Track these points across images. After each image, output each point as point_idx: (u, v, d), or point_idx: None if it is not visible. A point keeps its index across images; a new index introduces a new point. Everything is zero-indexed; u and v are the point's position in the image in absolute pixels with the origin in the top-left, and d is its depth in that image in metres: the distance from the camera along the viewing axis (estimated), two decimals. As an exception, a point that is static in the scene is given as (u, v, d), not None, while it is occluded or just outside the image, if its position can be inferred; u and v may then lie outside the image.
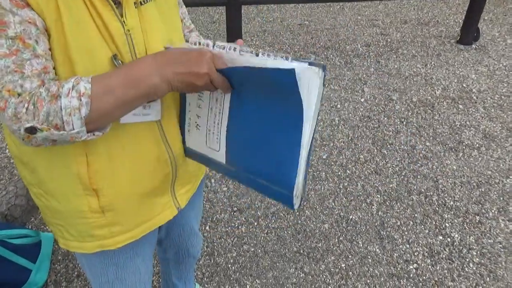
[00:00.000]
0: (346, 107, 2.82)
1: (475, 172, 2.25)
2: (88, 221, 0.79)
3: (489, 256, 1.79)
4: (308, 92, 0.60)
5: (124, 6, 0.69)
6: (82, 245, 0.83)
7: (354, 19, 4.31)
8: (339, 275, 1.71)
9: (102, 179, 0.75)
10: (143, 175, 0.79)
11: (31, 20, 0.60)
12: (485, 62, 3.41)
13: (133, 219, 0.83)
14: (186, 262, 1.28)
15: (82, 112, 0.59)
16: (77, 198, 0.76)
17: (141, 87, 0.63)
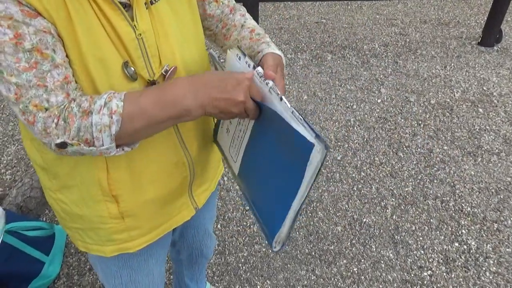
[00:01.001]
0: (362, 107, 2.78)
1: (494, 178, 2.19)
2: (108, 226, 0.78)
3: (506, 265, 1.74)
4: (310, 163, 0.62)
5: (134, 9, 0.66)
6: (103, 249, 0.83)
7: (372, 18, 4.24)
8: (351, 279, 1.68)
9: (122, 186, 0.74)
10: (162, 180, 0.78)
11: (46, 29, 0.59)
12: (507, 65, 3.32)
13: (152, 222, 0.83)
14: (199, 262, 1.27)
15: (112, 130, 0.59)
16: (97, 204, 0.76)
17: (174, 109, 0.62)
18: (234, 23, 0.87)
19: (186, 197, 0.87)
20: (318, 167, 0.61)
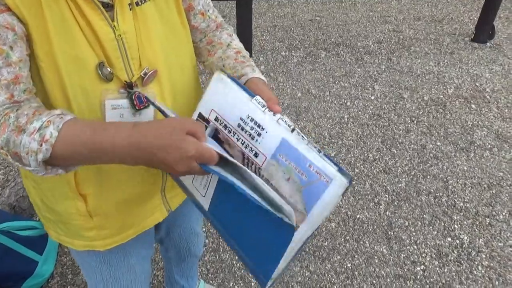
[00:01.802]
0: (356, 104, 2.79)
1: (486, 173, 2.21)
2: (77, 223, 0.78)
3: (498, 259, 1.75)
4: (326, 204, 0.56)
5: (116, 9, 0.65)
6: (73, 242, 0.83)
7: (366, 15, 4.25)
8: (344, 274, 1.69)
9: (90, 186, 0.74)
10: (132, 183, 0.78)
11: (9, 25, 0.58)
12: (499, 61, 3.34)
13: (121, 223, 0.82)
14: (188, 260, 1.28)
15: (38, 157, 0.56)
16: (67, 201, 0.75)
17: (108, 154, 0.58)
18: (220, 41, 0.86)
19: (158, 199, 0.86)
20: (337, 202, 0.56)
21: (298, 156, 0.59)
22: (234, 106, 0.66)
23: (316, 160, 0.58)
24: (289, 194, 0.59)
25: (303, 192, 0.58)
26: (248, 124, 0.64)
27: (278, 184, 0.61)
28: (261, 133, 0.64)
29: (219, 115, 0.68)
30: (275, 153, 0.62)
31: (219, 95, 0.68)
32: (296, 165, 0.59)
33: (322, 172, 0.57)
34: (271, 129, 0.62)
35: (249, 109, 0.65)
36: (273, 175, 0.62)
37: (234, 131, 0.66)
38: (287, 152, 0.60)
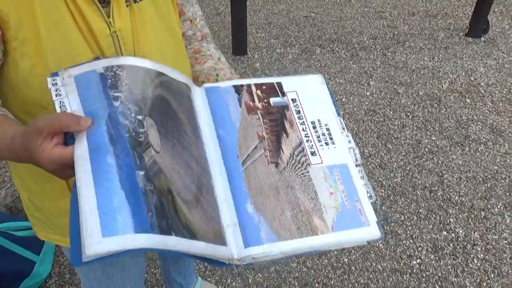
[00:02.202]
0: (351, 100, 2.79)
1: (481, 167, 2.22)
2: (64, 221, 0.78)
3: (494, 252, 1.77)
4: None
5: (112, 5, 0.65)
6: (64, 239, 0.83)
7: (361, 11, 4.25)
8: (341, 269, 1.70)
9: None
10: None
11: None
12: (494, 55, 3.35)
13: None
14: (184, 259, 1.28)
15: None
16: (57, 199, 0.76)
17: (5, 156, 0.56)
18: (210, 54, 0.87)
19: None
20: (356, 243, 0.59)
21: (352, 185, 0.63)
22: (319, 108, 0.69)
23: (364, 200, 0.62)
24: (325, 203, 0.62)
25: (338, 213, 0.61)
26: (323, 129, 0.68)
27: (319, 189, 0.63)
28: (329, 143, 0.67)
29: (299, 101, 0.70)
30: (332, 167, 0.65)
31: (311, 90, 0.71)
32: (345, 189, 0.63)
33: (364, 212, 0.61)
34: (340, 149, 0.66)
35: (330, 122, 0.69)
36: (318, 181, 0.63)
37: (305, 122, 0.68)
38: (343, 175, 0.64)
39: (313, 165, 0.64)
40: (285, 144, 0.64)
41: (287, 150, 0.64)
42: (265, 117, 0.66)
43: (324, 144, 0.66)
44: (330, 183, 0.63)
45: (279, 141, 0.64)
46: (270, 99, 0.67)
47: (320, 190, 0.62)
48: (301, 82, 0.71)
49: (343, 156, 0.65)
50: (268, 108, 0.66)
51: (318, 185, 0.62)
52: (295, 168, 0.63)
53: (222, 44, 3.56)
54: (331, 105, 0.70)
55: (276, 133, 0.64)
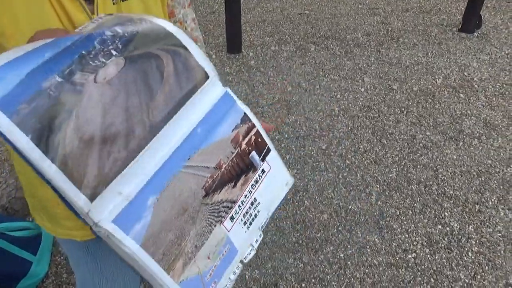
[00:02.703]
0: (346, 97, 2.81)
1: (475, 161, 2.24)
2: (55, 211, 0.79)
3: (488, 245, 1.79)
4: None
5: (96, 2, 0.64)
6: (55, 229, 0.83)
7: (355, 7, 4.26)
8: (337, 265, 1.72)
9: None
10: None
11: None
12: (487, 50, 3.37)
13: None
14: None
15: None
16: (45, 188, 0.76)
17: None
18: None
19: None
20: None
21: (222, 271, 0.61)
22: (268, 197, 0.70)
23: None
24: (197, 260, 0.60)
25: (195, 276, 0.59)
26: (255, 212, 0.67)
27: (206, 246, 0.60)
28: (247, 224, 0.66)
29: (265, 177, 0.69)
30: (229, 241, 0.64)
31: (277, 179, 0.71)
32: (217, 267, 0.62)
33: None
34: (246, 237, 0.65)
35: (263, 213, 0.68)
36: (212, 240, 0.61)
37: (251, 193, 0.67)
38: (227, 257, 0.62)
39: (222, 226, 0.62)
40: (226, 190, 0.62)
41: (223, 195, 0.62)
42: (237, 158, 0.64)
43: (244, 221, 0.65)
44: (216, 251, 0.61)
45: (226, 183, 0.62)
46: (253, 151, 0.66)
47: (205, 248, 0.59)
48: (277, 168, 0.71)
49: (242, 243, 0.64)
50: (244, 154, 0.65)
51: (208, 243, 0.60)
52: (212, 213, 0.60)
53: (217, 42, 3.56)
54: (275, 205, 0.70)
55: (230, 176, 0.63)
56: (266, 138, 0.69)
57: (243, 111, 0.66)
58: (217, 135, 0.62)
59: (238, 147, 0.64)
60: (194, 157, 0.58)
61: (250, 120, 0.66)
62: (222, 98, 0.64)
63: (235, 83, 2.97)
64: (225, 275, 0.63)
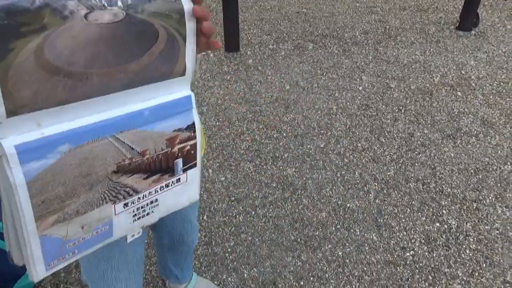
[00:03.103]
0: (344, 95, 2.81)
1: (472, 159, 2.25)
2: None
3: (485, 242, 1.79)
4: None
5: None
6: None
7: (353, 6, 4.26)
8: (336, 263, 1.72)
9: None
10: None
11: None
12: (484, 48, 3.38)
13: None
14: (181, 250, 1.28)
15: None
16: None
17: None
18: None
19: None
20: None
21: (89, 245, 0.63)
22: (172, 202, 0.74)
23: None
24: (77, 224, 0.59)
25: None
26: (149, 210, 0.69)
27: (88, 217, 0.59)
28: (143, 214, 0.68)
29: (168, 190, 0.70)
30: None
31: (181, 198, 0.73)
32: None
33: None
34: (121, 225, 0.66)
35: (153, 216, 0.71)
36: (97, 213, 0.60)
37: (152, 192, 0.67)
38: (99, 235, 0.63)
39: (112, 206, 0.61)
40: (136, 178, 0.61)
41: (130, 180, 0.61)
42: (163, 156, 0.64)
43: (134, 213, 0.65)
44: (92, 226, 0.60)
45: (139, 172, 0.61)
46: (180, 159, 0.67)
47: (85, 217, 0.58)
48: (192, 183, 0.72)
49: (120, 231, 0.65)
50: (172, 157, 0.65)
51: (91, 214, 0.58)
52: (110, 190, 0.59)
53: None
54: (168, 212, 0.72)
55: (147, 168, 0.62)
56: (198, 155, 0.70)
57: (193, 121, 0.66)
58: (159, 127, 0.61)
59: (169, 148, 0.64)
60: (127, 133, 0.57)
61: (194, 131, 0.67)
62: (183, 99, 0.64)
63: (233, 82, 2.97)
64: (88, 251, 0.62)
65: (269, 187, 2.09)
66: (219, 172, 2.19)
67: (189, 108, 0.65)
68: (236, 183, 2.12)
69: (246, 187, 2.09)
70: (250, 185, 2.10)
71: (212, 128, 2.53)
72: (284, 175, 2.16)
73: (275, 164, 2.23)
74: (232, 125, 2.55)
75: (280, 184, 2.10)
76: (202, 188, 2.09)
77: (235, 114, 2.64)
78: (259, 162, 2.25)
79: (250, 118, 2.60)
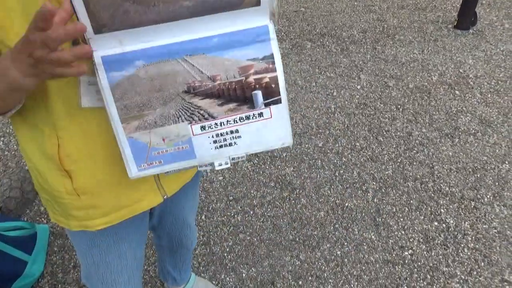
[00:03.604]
0: (342, 94, 2.80)
1: (470, 158, 2.25)
2: (66, 201, 0.78)
3: (483, 241, 1.79)
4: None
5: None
6: (68, 222, 0.83)
7: (351, 5, 4.26)
8: (334, 262, 1.72)
9: (74, 162, 0.73)
10: (119, 160, 0.77)
11: None
12: (482, 47, 3.38)
13: (111, 203, 0.82)
14: (180, 252, 1.28)
15: None
16: (55, 178, 0.76)
17: (2, 81, 0.58)
18: None
19: (152, 183, 0.86)
20: None
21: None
22: (255, 139, 0.75)
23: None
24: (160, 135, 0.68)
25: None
26: (232, 140, 0.72)
27: (168, 128, 0.67)
28: (228, 144, 0.71)
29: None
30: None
31: (273, 132, 0.74)
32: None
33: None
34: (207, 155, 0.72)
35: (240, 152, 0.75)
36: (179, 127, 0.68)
37: (239, 118, 0.70)
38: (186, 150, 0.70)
39: (189, 126, 0.67)
40: (209, 102, 0.66)
41: (203, 103, 0.66)
42: (237, 85, 0.66)
43: (214, 140, 0.70)
44: (172, 140, 0.68)
45: (211, 97, 0.66)
46: (259, 91, 0.67)
47: (164, 130, 0.66)
48: (279, 122, 0.72)
49: (203, 154, 0.70)
50: (247, 87, 0.67)
51: (169, 128, 0.67)
52: (184, 109, 0.66)
53: (212, 40, 3.54)
54: (258, 149, 0.73)
55: (219, 94, 0.66)
56: (282, 89, 0.69)
57: (271, 52, 0.66)
58: (230, 54, 0.64)
59: (243, 77, 0.66)
60: (196, 57, 0.63)
61: (273, 63, 0.67)
62: (258, 29, 0.64)
63: (231, 81, 2.95)
64: (173, 165, 0.70)
65: (267, 186, 2.09)
66: (217, 172, 2.18)
67: (266, 38, 0.65)
68: (234, 183, 2.11)
69: (244, 187, 2.09)
70: (248, 184, 2.10)
71: (210, 127, 2.52)
72: (282, 174, 2.16)
73: (273, 163, 2.23)
74: (230, 124, 2.54)
75: (279, 184, 2.10)
76: (200, 188, 2.09)
77: (233, 113, 2.64)
78: (257, 161, 2.25)
79: (248, 117, 2.60)
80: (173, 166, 0.70)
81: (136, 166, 0.69)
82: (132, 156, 0.68)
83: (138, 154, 0.68)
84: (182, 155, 0.69)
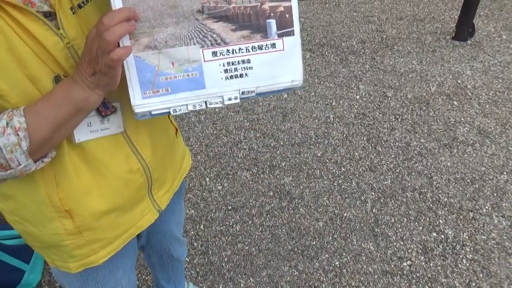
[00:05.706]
0: (341, 104, 2.82)
1: (469, 169, 2.26)
2: (67, 243, 0.77)
3: (482, 252, 1.79)
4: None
5: (59, 16, 0.61)
6: (67, 265, 0.81)
7: (350, 15, 4.30)
8: (333, 272, 1.71)
9: (73, 199, 0.73)
10: (116, 190, 0.77)
11: None
12: (480, 58, 3.41)
13: (113, 232, 0.82)
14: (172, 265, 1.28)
15: (23, 146, 0.58)
16: (51, 222, 0.74)
17: (66, 104, 0.60)
18: None
19: (147, 201, 0.86)
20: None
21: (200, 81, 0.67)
22: (266, 73, 0.73)
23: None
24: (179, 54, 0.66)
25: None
26: (245, 66, 0.70)
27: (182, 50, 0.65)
28: (240, 68, 0.68)
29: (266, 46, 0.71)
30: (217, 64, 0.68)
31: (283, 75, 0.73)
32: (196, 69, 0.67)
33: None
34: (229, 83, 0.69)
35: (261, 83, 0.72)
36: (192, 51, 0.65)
37: (251, 48, 0.69)
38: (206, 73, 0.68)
39: (200, 50, 0.65)
40: (222, 26, 0.65)
41: (216, 26, 0.65)
42: (252, 10, 0.65)
43: (225, 69, 0.67)
44: (182, 65, 0.65)
45: (226, 20, 0.65)
46: (274, 19, 0.67)
47: (174, 52, 0.64)
48: (291, 55, 0.71)
49: (213, 84, 0.67)
50: (262, 14, 0.66)
51: (179, 50, 0.64)
52: (197, 30, 0.64)
53: (213, 49, 3.57)
54: (267, 85, 0.71)
55: (234, 19, 0.65)
56: (295, 21, 0.69)
57: None
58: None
59: (259, 2, 0.65)
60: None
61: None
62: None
63: (230, 90, 2.97)
64: (181, 95, 0.65)
65: (266, 196, 2.09)
66: (216, 181, 2.19)
67: None
68: (233, 192, 2.12)
69: (243, 196, 2.09)
70: (247, 194, 2.10)
71: (210, 136, 2.53)
72: (281, 184, 2.16)
73: (272, 173, 2.23)
74: (229, 133, 2.55)
75: (277, 193, 2.10)
76: (198, 197, 2.09)
77: (232, 123, 2.65)
78: (256, 170, 2.25)
79: (247, 126, 2.61)
80: (181, 96, 0.65)
81: (140, 92, 0.63)
82: (138, 79, 0.63)
83: (144, 78, 0.63)
84: (191, 83, 0.65)
